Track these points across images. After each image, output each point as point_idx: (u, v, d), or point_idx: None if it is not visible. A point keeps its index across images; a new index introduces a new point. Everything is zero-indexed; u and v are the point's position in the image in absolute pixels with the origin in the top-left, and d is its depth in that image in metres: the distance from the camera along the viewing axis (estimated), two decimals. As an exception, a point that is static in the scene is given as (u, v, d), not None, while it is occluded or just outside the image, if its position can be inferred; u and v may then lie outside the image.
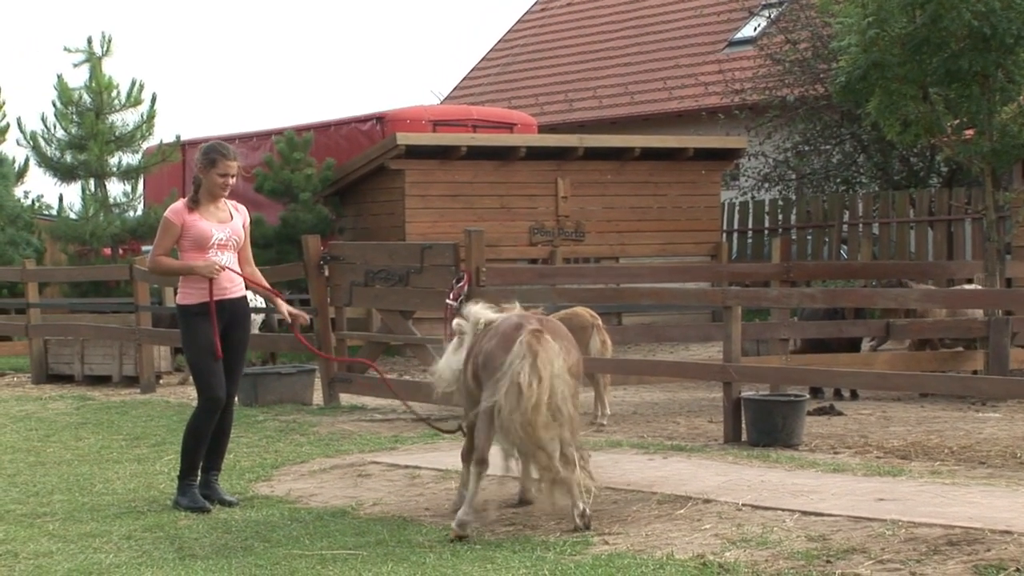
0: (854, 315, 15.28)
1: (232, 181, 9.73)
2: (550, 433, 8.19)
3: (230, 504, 9.60)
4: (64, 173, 23.76)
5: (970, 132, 15.83)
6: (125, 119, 23.75)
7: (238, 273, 9.82)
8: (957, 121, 15.79)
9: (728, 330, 12.05)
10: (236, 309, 9.79)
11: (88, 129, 23.26)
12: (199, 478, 9.74)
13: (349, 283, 15.07)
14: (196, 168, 9.77)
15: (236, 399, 10.13)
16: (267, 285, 10.12)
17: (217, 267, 9.60)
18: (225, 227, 9.72)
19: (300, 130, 22.79)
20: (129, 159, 23.95)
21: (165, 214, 9.85)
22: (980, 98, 15.13)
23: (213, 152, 9.70)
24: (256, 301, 14.32)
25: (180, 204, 9.81)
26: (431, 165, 21.61)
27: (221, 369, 9.69)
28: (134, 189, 24.26)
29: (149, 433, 13.37)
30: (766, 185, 27.20)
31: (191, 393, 15.75)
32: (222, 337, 9.68)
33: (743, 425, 11.83)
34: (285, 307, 10.07)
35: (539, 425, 8.12)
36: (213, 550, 8.19)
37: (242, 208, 9.99)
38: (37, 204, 27.37)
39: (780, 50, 26.59)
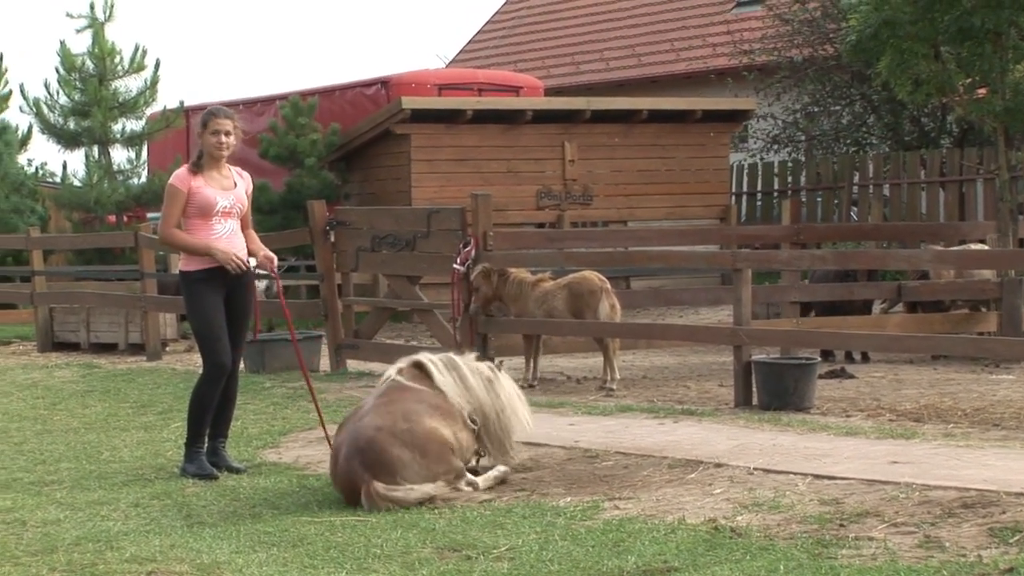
0: (867, 277, 15.17)
1: (227, 140, 9.58)
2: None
3: (238, 471, 9.55)
4: (68, 140, 23.69)
5: (982, 91, 15.69)
6: (128, 85, 23.72)
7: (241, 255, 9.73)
8: (969, 80, 15.65)
9: (738, 293, 11.95)
10: (239, 276, 9.68)
11: (91, 95, 23.18)
12: (206, 445, 9.67)
13: (355, 249, 15.00)
14: (196, 135, 9.69)
15: (242, 365, 10.06)
16: (259, 243, 9.96)
17: (235, 262, 9.51)
18: (229, 194, 9.64)
19: (305, 95, 22.69)
20: (133, 125, 23.93)
21: (170, 181, 9.75)
22: (993, 56, 14.99)
23: (206, 114, 9.68)
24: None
25: (183, 170, 9.74)
26: (437, 129, 21.49)
27: (226, 336, 9.63)
28: (138, 156, 24.20)
29: (156, 401, 13.31)
30: (775, 147, 27.08)
31: (197, 360, 15.65)
32: (225, 303, 9.64)
33: (754, 389, 11.75)
34: (268, 252, 9.88)
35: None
36: (221, 517, 8.15)
37: (246, 175, 9.91)
38: (41, 171, 27.34)
39: (789, 10, 26.44)
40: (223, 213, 9.60)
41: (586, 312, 13.16)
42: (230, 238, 9.64)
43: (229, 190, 9.65)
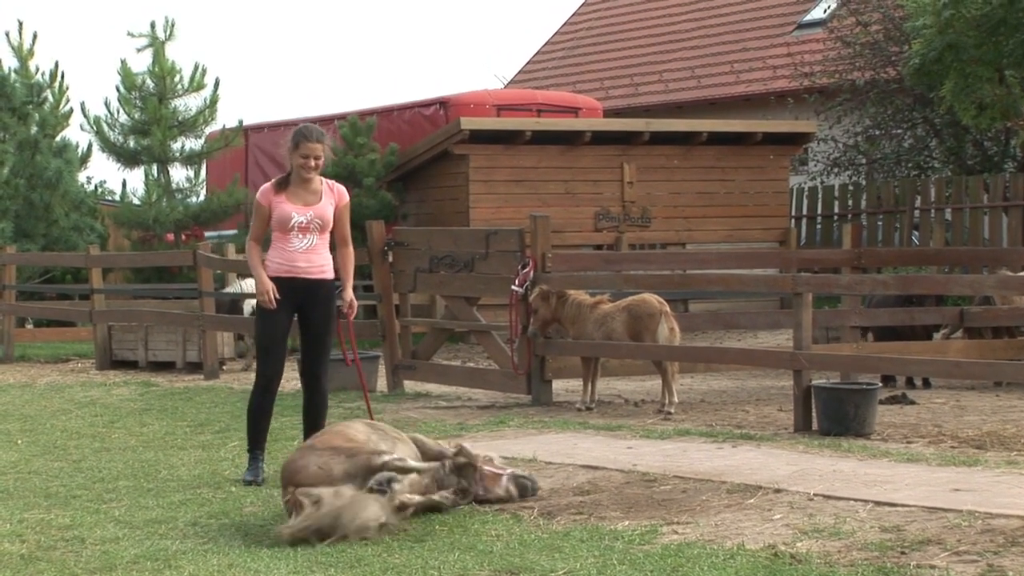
0: (935, 303, 15.01)
1: (316, 163, 9.77)
2: None
3: None
4: (127, 158, 23.88)
5: (1048, 116, 15.56)
6: (188, 104, 23.90)
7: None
8: (1034, 104, 15.53)
9: (798, 317, 11.87)
10: (313, 289, 9.84)
11: (151, 114, 23.35)
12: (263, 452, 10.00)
13: (413, 269, 15.00)
14: (286, 151, 9.89)
15: (299, 385, 10.17)
16: (349, 270, 10.09)
17: (266, 296, 9.73)
18: (308, 210, 9.78)
19: (363, 115, 22.76)
20: (192, 144, 24.09)
21: (256, 196, 10.02)
22: (1058, 81, 14.87)
23: (297, 135, 9.81)
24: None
25: (268, 185, 9.97)
26: (495, 150, 21.52)
27: (280, 349, 9.91)
28: (197, 174, 24.37)
29: (213, 420, 13.34)
30: (836, 170, 26.94)
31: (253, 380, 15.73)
32: (301, 317, 9.87)
33: (814, 414, 11.65)
34: (348, 295, 10.04)
35: None
36: (279, 538, 8.11)
37: (338, 188, 10.02)
38: (100, 189, 27.54)
39: (851, 32, 26.35)
40: (300, 228, 9.78)
41: (645, 335, 13.09)
42: (307, 253, 9.81)
43: (310, 205, 9.79)
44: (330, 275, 9.94)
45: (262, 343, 9.99)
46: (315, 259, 9.84)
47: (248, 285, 17.68)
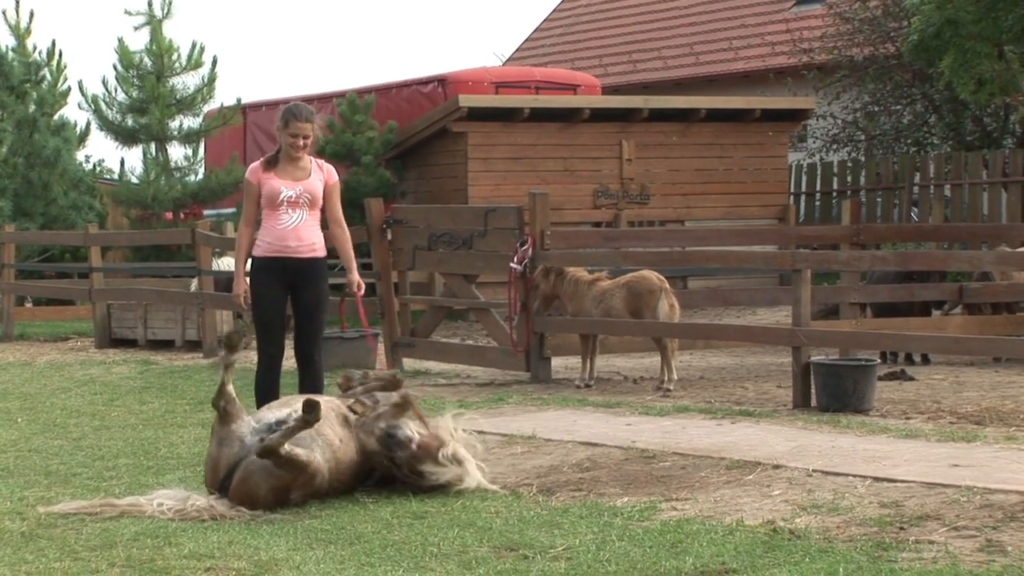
0: (939, 279, 14.98)
1: (304, 142, 9.81)
2: None
3: None
4: (125, 137, 23.87)
5: (1046, 91, 15.54)
6: (186, 82, 23.89)
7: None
8: (1033, 79, 15.51)
9: (797, 294, 11.86)
10: (304, 269, 9.88)
11: (149, 92, 23.33)
12: None
13: (412, 247, 15.00)
14: (276, 130, 9.94)
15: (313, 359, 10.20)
16: (348, 251, 10.16)
17: (239, 300, 10.01)
18: (297, 185, 9.81)
19: (361, 92, 22.71)
20: (190, 122, 24.09)
21: (245, 174, 10.08)
22: (1057, 56, 14.85)
23: (287, 113, 9.84)
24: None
25: (256, 163, 10.02)
26: (494, 127, 21.47)
27: (278, 327, 10.00)
28: (195, 153, 24.36)
29: (212, 397, 13.33)
30: (835, 146, 26.91)
31: (254, 358, 15.73)
32: (293, 296, 9.90)
33: (812, 390, 11.66)
34: (354, 277, 10.11)
35: None
36: (278, 514, 8.12)
37: (327, 167, 10.07)
38: (99, 168, 27.51)
39: (849, 8, 26.28)
40: (289, 203, 9.79)
41: (645, 311, 13.09)
42: (297, 230, 9.83)
43: (299, 180, 9.83)
44: (321, 253, 9.95)
45: (261, 322, 10.04)
46: (305, 237, 9.85)
47: (226, 263, 17.68)
